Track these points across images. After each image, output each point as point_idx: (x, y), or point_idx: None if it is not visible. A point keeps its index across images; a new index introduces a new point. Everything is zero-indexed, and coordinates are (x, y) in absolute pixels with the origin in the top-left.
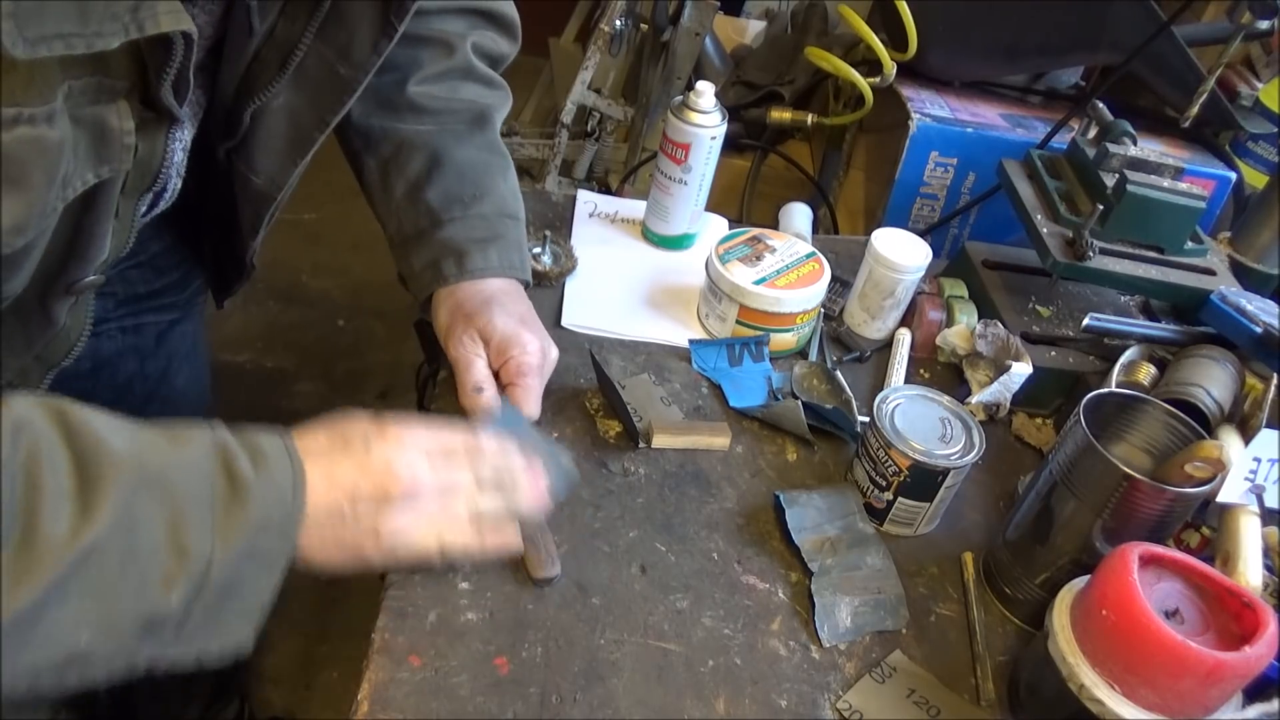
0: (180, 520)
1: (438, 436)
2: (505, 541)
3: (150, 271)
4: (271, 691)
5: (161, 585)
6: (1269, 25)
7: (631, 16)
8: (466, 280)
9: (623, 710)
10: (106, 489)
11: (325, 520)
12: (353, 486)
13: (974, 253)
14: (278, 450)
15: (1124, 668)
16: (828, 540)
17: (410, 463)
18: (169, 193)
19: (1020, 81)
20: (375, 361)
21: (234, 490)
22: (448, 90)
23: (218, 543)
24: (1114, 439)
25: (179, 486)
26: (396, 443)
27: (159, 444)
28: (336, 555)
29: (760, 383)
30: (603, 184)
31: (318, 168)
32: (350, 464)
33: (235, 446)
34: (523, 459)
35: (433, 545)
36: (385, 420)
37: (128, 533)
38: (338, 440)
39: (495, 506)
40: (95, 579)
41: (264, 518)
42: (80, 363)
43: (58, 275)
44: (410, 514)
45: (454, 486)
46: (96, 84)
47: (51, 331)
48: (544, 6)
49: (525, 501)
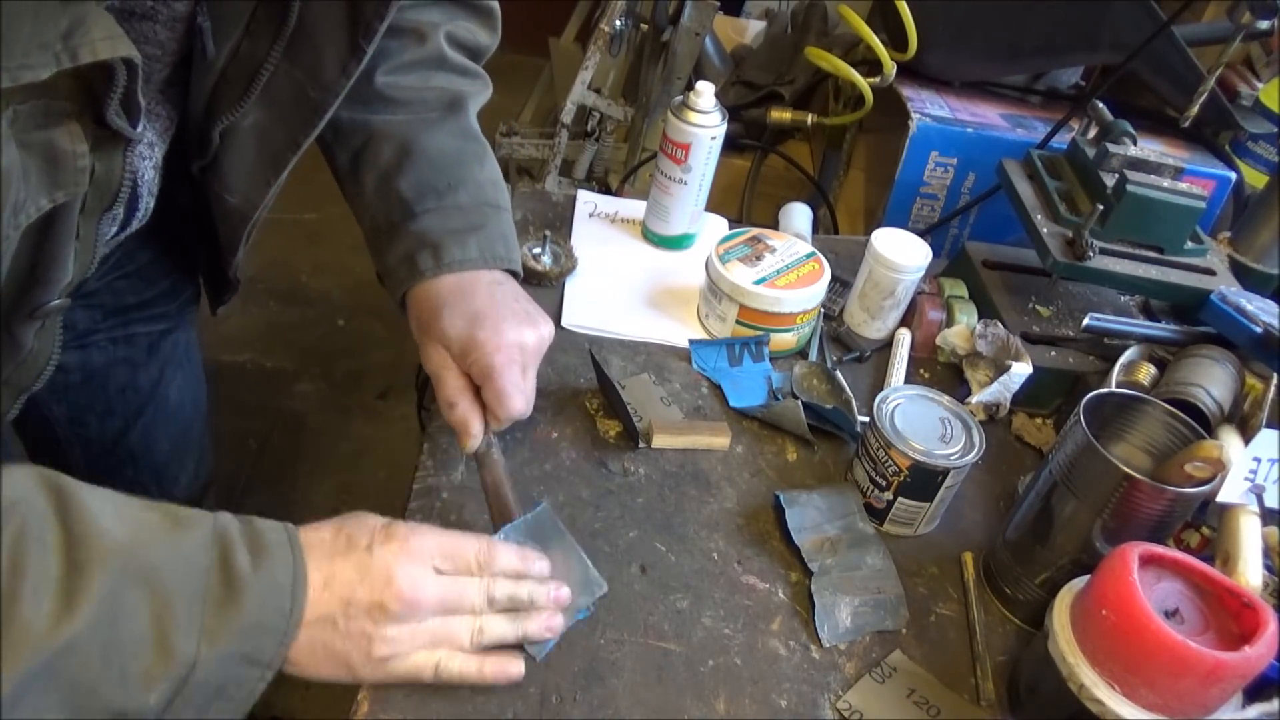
0: (167, 616)
1: (449, 545)
2: (506, 671)
3: (139, 282)
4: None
5: (141, 682)
6: (1269, 25)
7: (631, 16)
8: (444, 274)
9: (623, 710)
10: (93, 578)
11: (317, 627)
12: (349, 593)
13: (974, 253)
14: (280, 545)
15: (1124, 668)
16: (828, 540)
17: (413, 576)
18: (141, 211)
19: (1020, 81)
20: (375, 361)
21: (228, 587)
22: (418, 80)
23: (204, 644)
24: (1114, 439)
25: (169, 580)
26: (403, 551)
27: (155, 530)
28: (324, 665)
29: (760, 383)
30: (603, 184)
31: (318, 168)
32: (350, 568)
33: (236, 537)
34: (547, 580)
35: (427, 668)
36: (395, 522)
37: (110, 626)
38: (342, 539)
39: (502, 633)
40: (73, 673)
41: (257, 620)
42: (71, 374)
43: (20, 300)
44: (407, 631)
45: (459, 606)
46: (44, 107)
47: (19, 356)
48: (544, 6)
49: (537, 629)
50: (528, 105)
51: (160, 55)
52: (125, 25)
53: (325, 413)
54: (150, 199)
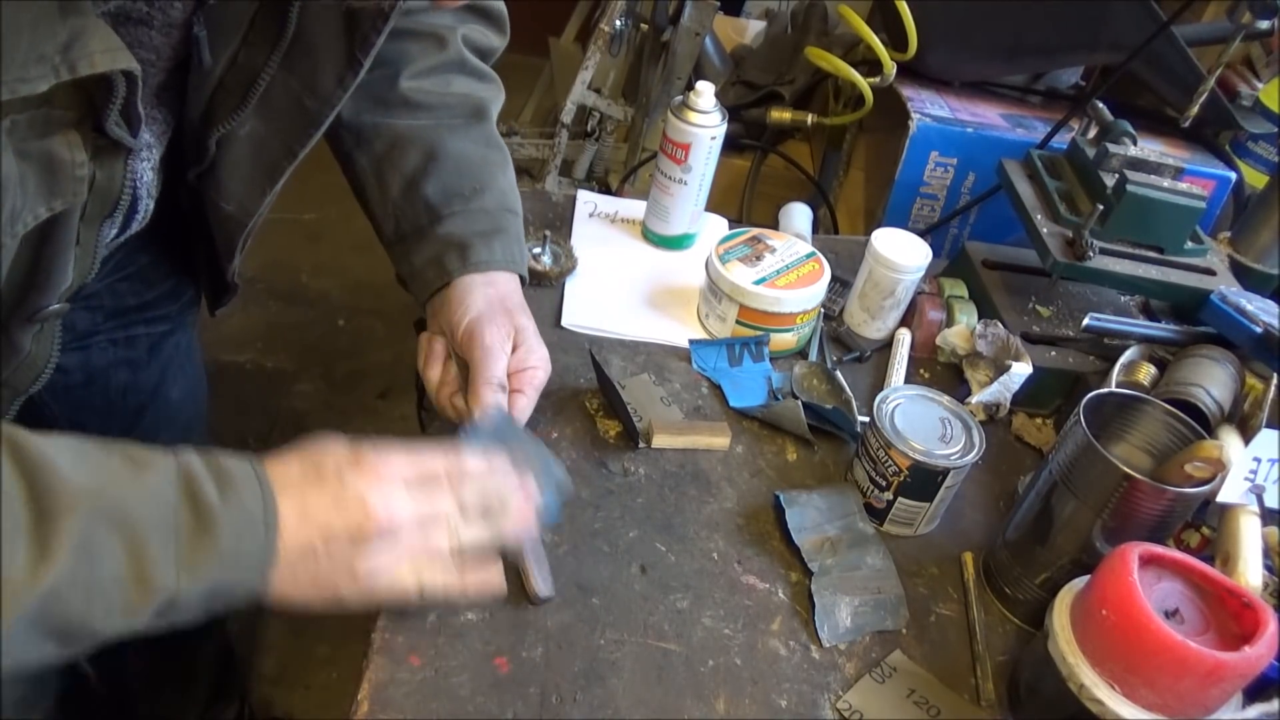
0: (142, 552)
1: (418, 462)
2: (488, 579)
3: (139, 284)
4: (271, 691)
5: (125, 614)
6: (1269, 25)
7: (631, 16)
8: (471, 273)
9: (623, 710)
10: (63, 523)
11: (297, 559)
12: (326, 524)
13: (974, 253)
14: (247, 476)
15: (1124, 668)
16: (828, 540)
17: (387, 498)
18: (140, 214)
19: (1020, 81)
20: (375, 361)
21: (199, 519)
22: (441, 84)
23: (183, 576)
24: (1114, 439)
25: (139, 516)
26: (373, 475)
27: (119, 471)
28: (310, 593)
29: (760, 383)
30: (603, 184)
31: (317, 168)
32: (324, 498)
33: (201, 471)
34: (514, 476)
35: (411, 585)
36: (361, 449)
37: (88, 567)
38: (310, 471)
39: (479, 536)
40: (60, 615)
41: (233, 550)
42: (72, 375)
43: (19, 304)
44: (388, 552)
45: (435, 518)
46: (43, 116)
47: (17, 360)
48: (544, 6)
49: (513, 527)
50: (528, 105)
51: (155, 61)
52: (120, 30)
53: (325, 413)
54: (150, 201)
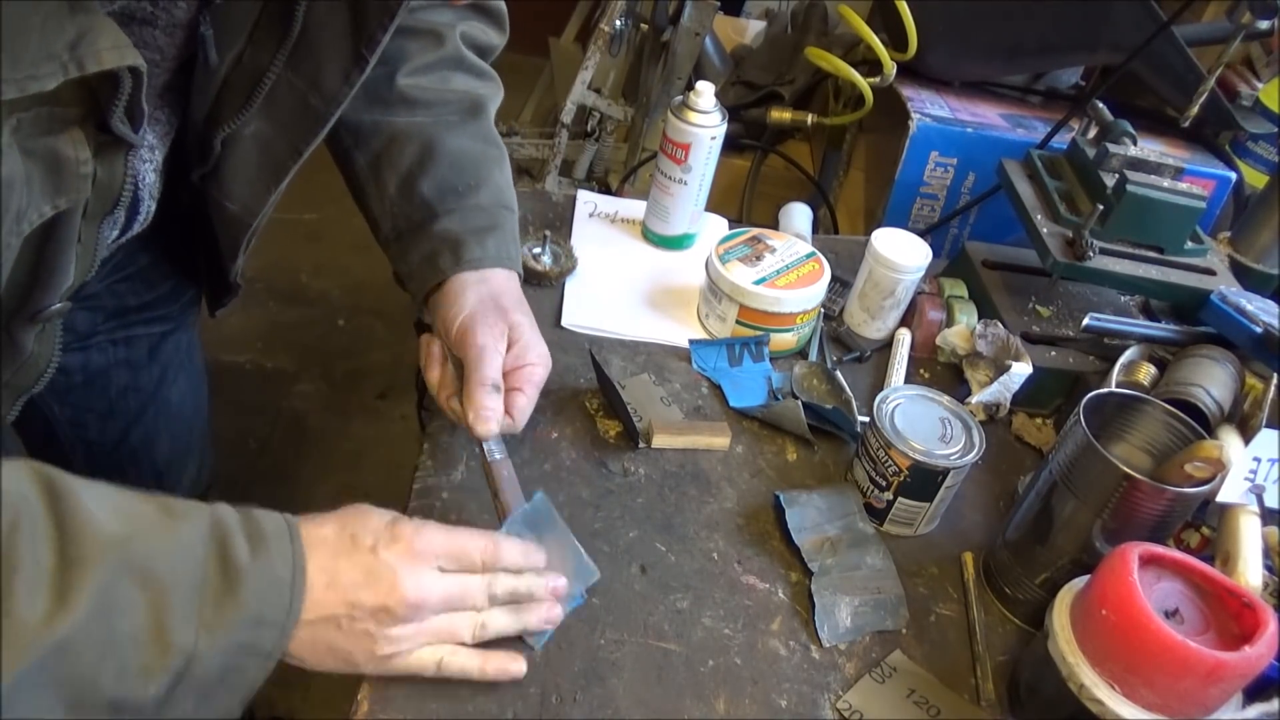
0: (164, 609)
1: (454, 544)
2: (508, 669)
3: (140, 284)
4: (271, 691)
5: (140, 676)
6: (1269, 25)
7: (631, 16)
8: (465, 270)
9: (623, 710)
10: (87, 572)
11: (319, 625)
12: (353, 595)
13: (974, 253)
14: (279, 535)
15: (1124, 668)
16: (828, 540)
17: (419, 577)
18: (142, 215)
19: (1020, 81)
20: (375, 361)
21: (226, 578)
22: (439, 81)
23: (202, 636)
24: (1114, 439)
25: (165, 572)
26: (408, 553)
27: (152, 521)
28: (326, 659)
29: (760, 383)
30: (603, 184)
31: (318, 168)
32: (355, 569)
33: (234, 528)
34: (543, 562)
35: (430, 665)
36: (399, 521)
37: (106, 621)
38: (346, 538)
39: (504, 627)
40: (70, 669)
41: (257, 612)
42: (72, 376)
43: (21, 304)
44: (411, 631)
45: (463, 602)
46: (47, 114)
47: (19, 359)
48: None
49: (537, 621)
50: (528, 105)
51: (160, 60)
52: (125, 30)
53: (325, 413)
54: (151, 202)
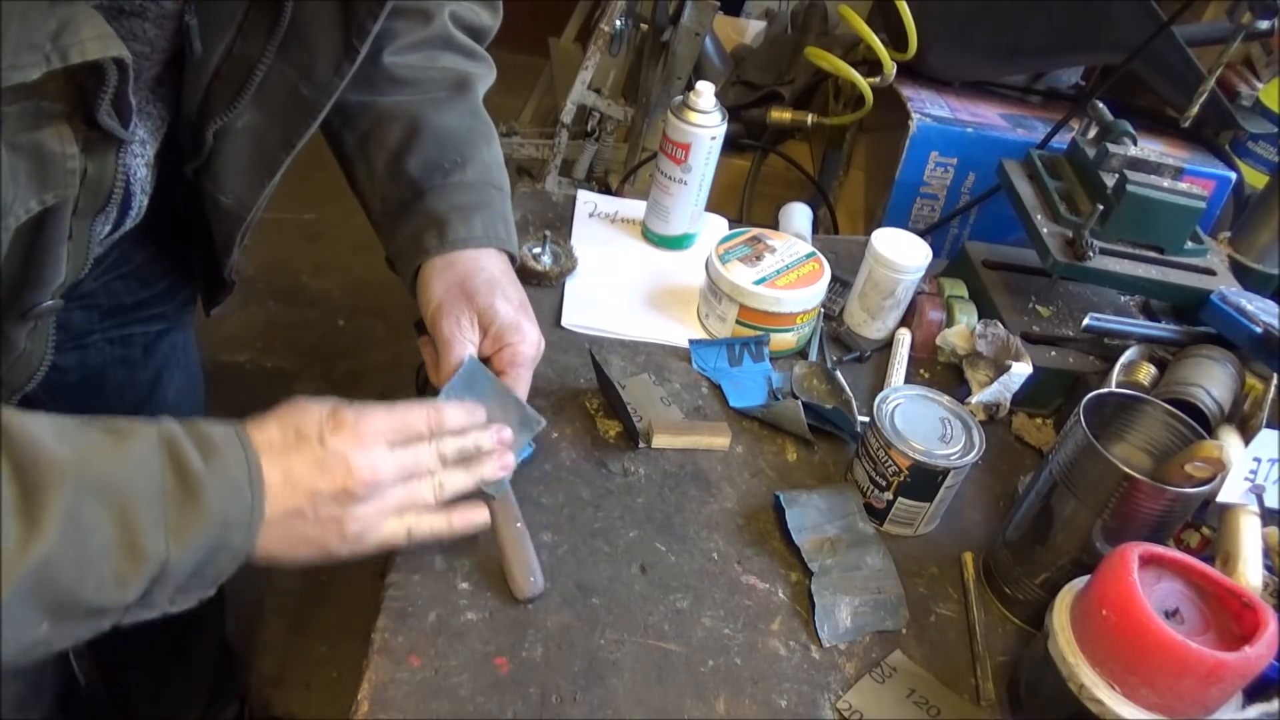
0: (131, 522)
1: (397, 418)
2: (473, 519)
3: (135, 282)
4: (271, 691)
5: (117, 585)
6: (1269, 25)
7: (631, 16)
8: (449, 251)
9: (623, 710)
10: (50, 496)
11: (286, 520)
12: (311, 486)
13: (974, 253)
14: (229, 441)
15: (1124, 668)
16: (828, 540)
17: (370, 457)
18: (134, 210)
19: (1020, 81)
20: (375, 361)
21: (185, 486)
22: (425, 59)
23: (172, 542)
24: (1114, 439)
25: (125, 485)
26: (354, 436)
27: (101, 443)
28: (300, 550)
29: (760, 383)
30: (603, 184)
31: (317, 168)
32: (307, 462)
33: (183, 438)
34: (483, 418)
35: (400, 533)
36: (340, 409)
37: (77, 540)
38: (291, 434)
39: (461, 483)
40: (51, 587)
41: (221, 514)
42: (68, 374)
43: (13, 300)
44: (374, 506)
45: (416, 470)
46: (34, 108)
47: (12, 356)
48: (544, 6)
49: (491, 470)
50: (528, 105)
51: (149, 53)
52: (114, 23)
53: None
54: (144, 198)
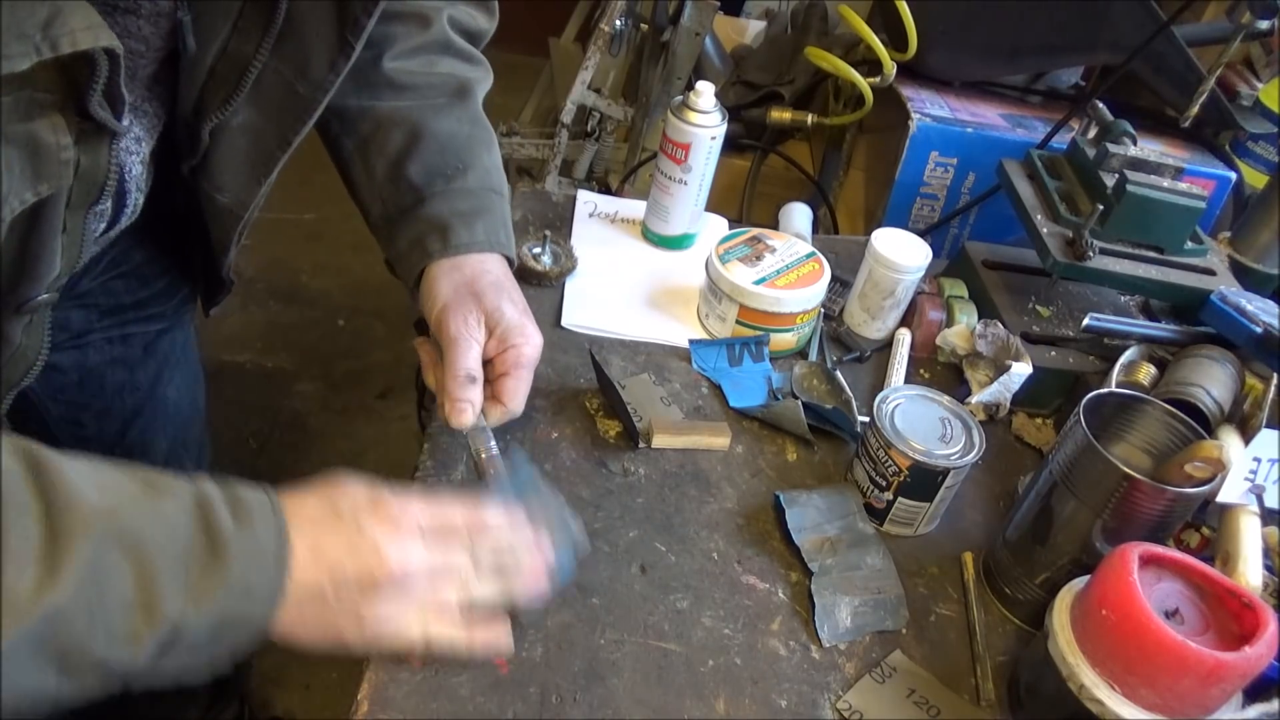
0: (150, 580)
1: (436, 512)
2: (494, 639)
3: (134, 282)
4: (271, 691)
5: (128, 642)
6: (1269, 25)
7: (631, 16)
8: (452, 255)
9: (623, 710)
10: (74, 544)
11: (306, 598)
12: (338, 566)
13: (974, 253)
14: (263, 508)
15: (1124, 668)
16: (828, 540)
17: (403, 548)
18: (130, 208)
19: (1020, 81)
20: (375, 361)
21: (211, 548)
22: (425, 65)
23: (189, 605)
24: (1114, 439)
25: (152, 541)
26: (390, 522)
27: (136, 495)
28: (314, 634)
29: (760, 383)
30: (603, 184)
31: (317, 168)
32: (339, 540)
33: (218, 500)
34: (530, 534)
35: (417, 636)
36: (381, 493)
37: (94, 591)
38: (328, 510)
39: (490, 594)
40: (61, 638)
41: (242, 582)
42: (67, 374)
43: (8, 294)
44: (396, 601)
45: (448, 571)
46: (25, 98)
47: (8, 351)
48: (544, 6)
49: (524, 590)
50: (528, 105)
51: (144, 51)
52: (108, 19)
53: (325, 413)
54: (139, 195)
